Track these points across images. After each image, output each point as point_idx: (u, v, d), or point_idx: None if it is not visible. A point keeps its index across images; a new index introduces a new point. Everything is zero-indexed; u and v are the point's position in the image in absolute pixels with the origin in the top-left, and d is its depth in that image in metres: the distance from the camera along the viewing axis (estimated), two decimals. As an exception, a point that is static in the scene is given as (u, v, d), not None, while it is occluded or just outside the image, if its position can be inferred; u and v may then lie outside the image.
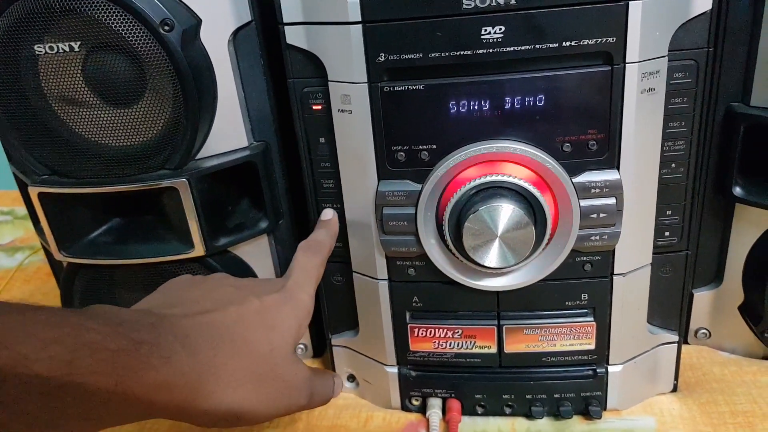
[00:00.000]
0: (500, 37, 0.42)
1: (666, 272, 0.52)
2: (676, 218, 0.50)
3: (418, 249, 0.49)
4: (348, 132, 0.48)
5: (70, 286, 0.58)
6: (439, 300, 0.52)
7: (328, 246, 0.51)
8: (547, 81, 0.44)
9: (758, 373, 0.57)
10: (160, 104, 0.48)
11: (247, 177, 0.54)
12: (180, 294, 0.45)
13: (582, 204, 0.46)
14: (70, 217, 0.54)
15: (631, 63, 0.43)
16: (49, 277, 0.72)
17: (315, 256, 0.49)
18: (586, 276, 0.50)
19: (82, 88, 0.48)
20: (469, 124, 0.45)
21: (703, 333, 0.62)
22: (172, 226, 0.54)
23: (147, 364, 0.34)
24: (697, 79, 0.46)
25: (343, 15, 0.44)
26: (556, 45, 0.42)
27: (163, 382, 0.35)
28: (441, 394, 0.56)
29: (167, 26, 0.45)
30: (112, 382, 0.33)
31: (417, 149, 0.47)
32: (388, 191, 0.48)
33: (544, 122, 0.45)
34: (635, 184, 0.46)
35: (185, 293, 0.44)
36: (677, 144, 0.48)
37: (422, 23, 0.43)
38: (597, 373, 0.53)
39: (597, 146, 0.45)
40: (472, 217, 0.45)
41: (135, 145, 0.50)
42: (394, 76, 0.45)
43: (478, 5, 0.42)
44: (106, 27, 0.45)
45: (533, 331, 0.52)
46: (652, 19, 0.42)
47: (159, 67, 0.46)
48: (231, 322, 0.41)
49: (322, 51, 0.46)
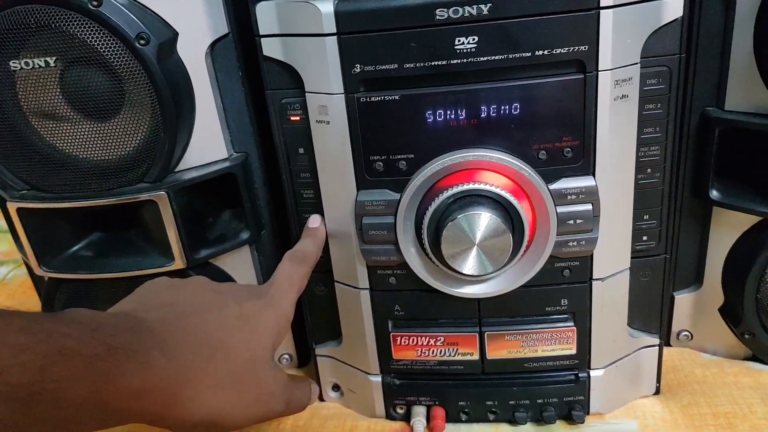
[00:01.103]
0: (474, 48, 0.43)
1: (645, 276, 0.53)
2: (654, 222, 0.51)
3: (399, 258, 0.50)
4: (326, 142, 0.48)
5: (52, 301, 0.57)
6: (420, 308, 0.53)
7: (314, 256, 0.51)
8: (522, 90, 0.44)
9: (739, 375, 0.57)
10: (139, 117, 0.48)
11: (228, 188, 0.54)
12: (159, 297, 0.44)
13: (559, 210, 0.46)
14: (50, 231, 0.54)
15: (604, 71, 0.43)
16: (34, 291, 0.71)
17: (300, 266, 0.49)
18: (565, 281, 0.50)
19: (60, 103, 0.48)
20: (445, 134, 0.46)
21: (685, 335, 0.62)
22: (153, 239, 0.54)
23: (123, 369, 0.34)
24: (670, 85, 0.47)
25: (318, 27, 0.44)
26: (529, 54, 0.43)
27: (140, 388, 0.35)
28: (425, 401, 0.56)
29: (143, 40, 0.45)
30: (86, 389, 0.32)
31: (395, 159, 0.47)
32: (368, 201, 0.48)
33: (519, 130, 0.45)
34: (611, 190, 0.47)
35: (164, 296, 0.44)
36: (652, 149, 0.48)
37: (396, 34, 0.43)
38: (579, 377, 0.53)
39: (572, 153, 0.45)
40: (450, 225, 0.45)
41: (113, 159, 0.50)
42: (370, 86, 0.45)
43: (451, 16, 0.42)
44: (81, 42, 0.45)
45: (515, 337, 0.52)
46: (624, 27, 0.43)
47: (136, 80, 0.46)
48: (211, 327, 0.41)
49: (298, 63, 0.47)
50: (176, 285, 0.46)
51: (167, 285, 0.46)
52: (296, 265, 0.49)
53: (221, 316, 0.42)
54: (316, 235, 0.51)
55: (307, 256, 0.50)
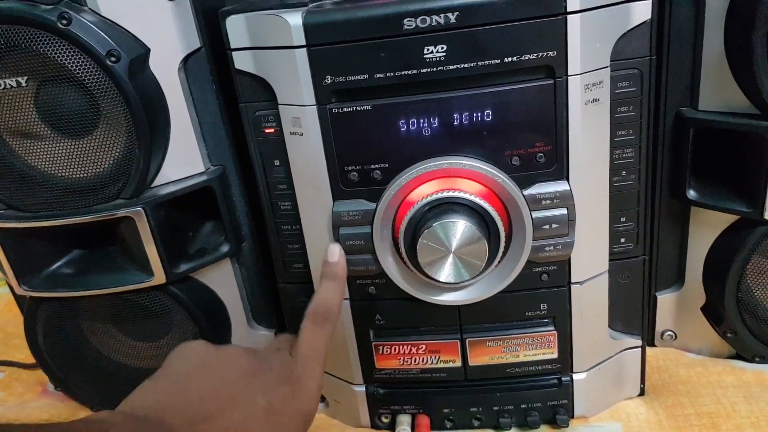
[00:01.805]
0: (443, 56, 0.43)
1: (624, 278, 0.53)
2: (631, 224, 0.51)
3: (377, 267, 0.49)
4: (301, 154, 0.48)
5: (34, 319, 0.57)
6: (401, 317, 0.53)
7: (338, 307, 0.46)
8: (492, 97, 0.44)
9: (723, 374, 0.58)
10: (114, 134, 0.48)
11: (207, 201, 0.54)
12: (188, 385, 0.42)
13: (534, 215, 0.46)
14: (29, 250, 0.54)
15: (574, 75, 0.44)
16: (18, 309, 0.71)
17: (323, 326, 0.45)
18: (543, 286, 0.50)
19: (35, 121, 0.48)
20: (418, 142, 0.46)
21: (669, 335, 0.62)
22: (132, 255, 0.54)
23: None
24: (641, 88, 0.47)
25: (287, 39, 0.44)
26: (498, 61, 0.43)
27: None
28: (409, 410, 0.56)
29: (114, 57, 0.45)
30: None
31: (369, 168, 0.47)
32: (344, 211, 0.48)
33: (491, 137, 0.45)
34: (586, 194, 0.47)
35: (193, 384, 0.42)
36: (626, 152, 0.48)
37: (366, 45, 0.43)
38: (562, 381, 0.53)
39: (545, 158, 0.46)
40: (426, 233, 0.45)
41: (90, 176, 0.50)
42: (342, 97, 0.45)
43: (419, 25, 0.42)
44: (52, 61, 0.45)
45: (496, 343, 0.52)
46: (592, 31, 0.43)
47: (109, 97, 0.46)
48: (234, 427, 0.40)
49: (270, 75, 0.47)
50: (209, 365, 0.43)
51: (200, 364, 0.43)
52: (319, 328, 0.45)
53: (247, 414, 0.40)
54: (337, 275, 0.47)
55: (329, 311, 0.46)
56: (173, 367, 0.44)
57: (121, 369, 0.61)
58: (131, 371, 0.60)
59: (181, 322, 0.57)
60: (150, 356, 0.60)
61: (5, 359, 0.73)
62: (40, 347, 0.59)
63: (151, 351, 0.60)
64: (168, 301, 0.55)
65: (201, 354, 0.44)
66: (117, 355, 0.60)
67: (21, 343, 0.75)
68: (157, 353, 0.59)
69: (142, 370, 0.60)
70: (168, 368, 0.43)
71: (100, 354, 0.60)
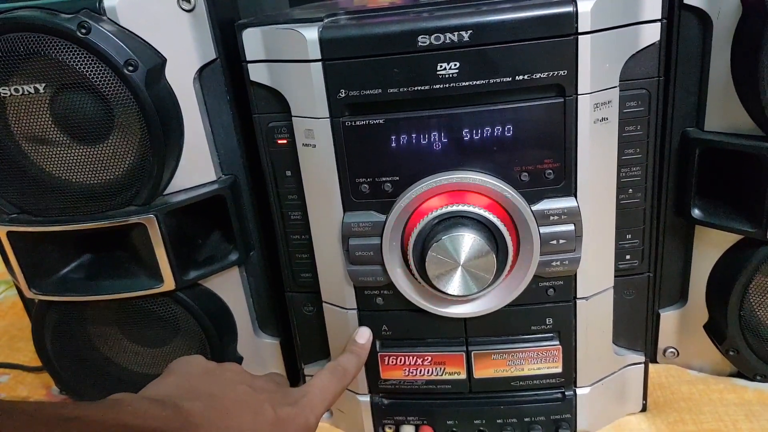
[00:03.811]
0: (455, 73, 0.44)
1: (629, 294, 0.53)
2: (636, 242, 0.52)
3: (385, 278, 0.50)
4: (313, 165, 0.49)
5: (42, 322, 0.58)
6: (407, 328, 0.53)
7: (353, 374, 0.51)
8: (503, 114, 0.45)
9: (724, 391, 0.58)
10: (128, 141, 0.49)
11: (217, 210, 0.54)
12: (198, 384, 0.44)
13: (542, 231, 0.47)
14: (40, 254, 0.55)
15: (583, 94, 0.44)
16: (26, 312, 0.72)
17: (338, 382, 0.49)
18: (549, 301, 0.51)
19: (51, 127, 0.49)
20: (429, 156, 0.46)
21: (672, 352, 0.63)
22: (142, 261, 0.55)
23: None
24: (649, 108, 0.48)
25: (303, 53, 0.45)
26: (510, 79, 0.44)
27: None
28: (413, 421, 0.56)
29: (131, 66, 0.46)
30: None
31: (380, 181, 0.48)
32: (354, 222, 0.49)
33: (501, 153, 0.46)
34: (593, 211, 0.48)
35: (203, 384, 0.44)
36: (633, 170, 0.49)
37: (380, 61, 0.44)
38: (565, 395, 0.54)
39: (554, 175, 0.46)
40: (435, 246, 0.45)
41: (103, 182, 0.50)
42: (355, 111, 0.46)
43: (433, 42, 0.43)
44: (70, 69, 0.46)
45: (501, 356, 0.53)
46: (602, 51, 0.44)
47: (125, 106, 0.47)
48: (246, 429, 0.41)
49: (285, 88, 0.47)
50: (212, 372, 0.46)
51: (203, 370, 0.46)
52: (334, 380, 0.49)
53: (256, 420, 0.42)
54: (360, 354, 0.52)
55: (346, 374, 0.50)
56: (177, 371, 0.45)
57: (126, 374, 0.61)
58: (136, 376, 0.61)
59: (187, 328, 0.57)
60: (155, 362, 0.60)
61: (9, 362, 0.73)
62: (47, 350, 0.59)
63: (156, 357, 0.60)
64: (176, 307, 0.56)
65: (202, 364, 0.47)
66: (122, 360, 0.61)
67: (25, 345, 0.76)
68: (161, 360, 0.60)
69: (146, 375, 0.60)
70: (172, 371, 0.45)
71: (106, 358, 0.60)
